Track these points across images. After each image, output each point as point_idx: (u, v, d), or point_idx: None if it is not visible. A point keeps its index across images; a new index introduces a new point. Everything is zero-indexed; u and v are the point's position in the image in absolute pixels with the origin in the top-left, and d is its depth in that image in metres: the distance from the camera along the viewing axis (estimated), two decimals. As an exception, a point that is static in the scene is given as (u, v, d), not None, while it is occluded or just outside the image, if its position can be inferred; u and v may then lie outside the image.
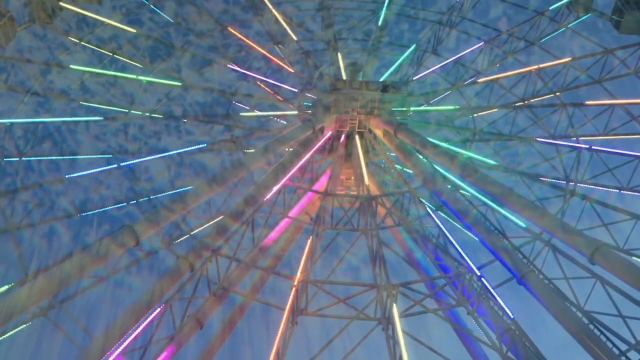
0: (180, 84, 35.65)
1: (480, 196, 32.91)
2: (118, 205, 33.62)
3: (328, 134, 35.05)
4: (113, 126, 34.94)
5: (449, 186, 32.38)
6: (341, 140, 35.14)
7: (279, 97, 36.76)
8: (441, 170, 33.49)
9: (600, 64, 36.89)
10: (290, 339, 24.81)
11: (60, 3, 34.81)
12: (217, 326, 31.24)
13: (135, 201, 33.31)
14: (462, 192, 33.60)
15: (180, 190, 34.07)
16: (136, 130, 35.16)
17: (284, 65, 37.76)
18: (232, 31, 37.54)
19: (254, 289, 32.18)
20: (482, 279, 27.20)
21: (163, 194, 34.22)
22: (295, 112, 36.63)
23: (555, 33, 39.65)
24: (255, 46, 37.42)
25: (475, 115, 37.02)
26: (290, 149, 32.88)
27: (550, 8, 39.60)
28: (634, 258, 30.27)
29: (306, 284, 26.19)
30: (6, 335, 26.27)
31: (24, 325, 27.07)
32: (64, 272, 22.76)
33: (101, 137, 35.13)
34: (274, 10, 38.43)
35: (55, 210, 31.98)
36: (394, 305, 25.12)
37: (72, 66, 34.81)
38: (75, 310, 28.75)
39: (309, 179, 34.84)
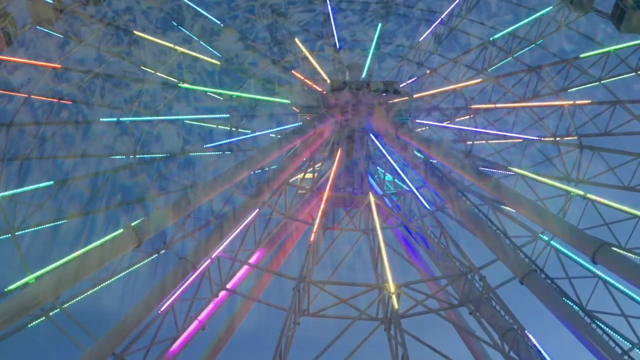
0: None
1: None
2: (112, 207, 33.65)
3: (329, 134, 35.04)
4: (127, 94, 35.79)
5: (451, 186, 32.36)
6: (342, 141, 35.11)
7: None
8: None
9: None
10: (292, 339, 24.81)
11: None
12: (219, 327, 31.29)
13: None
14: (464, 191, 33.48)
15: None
16: (148, 98, 35.95)
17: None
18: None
19: (256, 290, 32.24)
20: (484, 278, 27.17)
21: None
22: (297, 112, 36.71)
23: (555, 32, 39.62)
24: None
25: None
26: (292, 150, 32.89)
27: (551, 8, 39.57)
28: (636, 257, 30.19)
29: (308, 285, 26.19)
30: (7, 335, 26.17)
31: (27, 326, 27.00)
32: (66, 274, 22.82)
33: (116, 104, 35.61)
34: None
35: (58, 211, 32.00)
36: (396, 305, 25.13)
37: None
38: (76, 310, 28.76)
39: (310, 179, 34.86)
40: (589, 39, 38.76)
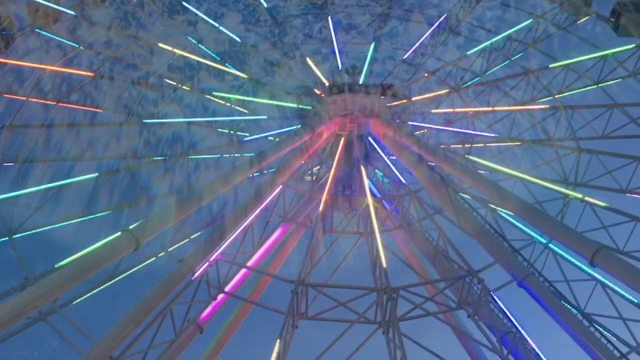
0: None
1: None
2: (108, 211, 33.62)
3: (327, 137, 35.08)
4: (136, 75, 36.07)
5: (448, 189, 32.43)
6: (340, 143, 35.16)
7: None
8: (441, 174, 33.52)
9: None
10: (290, 343, 24.77)
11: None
12: (217, 330, 31.25)
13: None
14: (462, 194, 33.53)
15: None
16: (155, 79, 36.30)
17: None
18: None
19: (254, 293, 32.22)
20: (482, 281, 27.18)
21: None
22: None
23: (552, 35, 39.71)
24: None
25: (474, 117, 37.12)
26: (290, 153, 32.92)
27: (549, 11, 39.68)
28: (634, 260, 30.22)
29: (306, 288, 26.14)
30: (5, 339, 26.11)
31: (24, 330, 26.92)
32: (64, 277, 22.77)
33: (124, 86, 35.79)
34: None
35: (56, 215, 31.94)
36: (395, 308, 25.12)
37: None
38: (73, 313, 28.73)
39: (308, 182, 34.85)
40: (586, 42, 38.80)
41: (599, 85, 36.80)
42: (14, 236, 30.14)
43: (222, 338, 31.38)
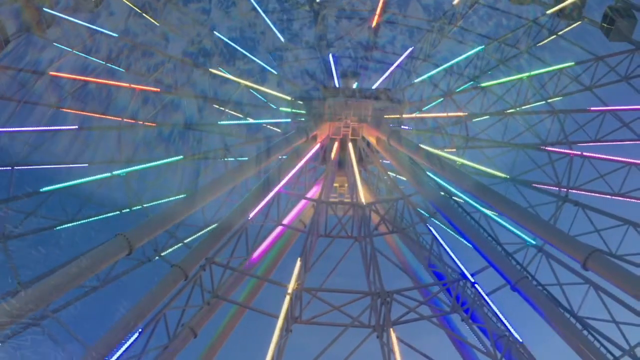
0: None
1: (474, 203, 33.07)
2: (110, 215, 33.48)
3: (321, 141, 35.12)
4: (151, 62, 36.82)
5: (442, 193, 32.57)
6: (334, 148, 35.22)
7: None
8: (435, 178, 33.62)
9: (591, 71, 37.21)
10: (284, 347, 24.73)
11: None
12: (211, 335, 31.18)
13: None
14: (456, 199, 33.62)
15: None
16: (171, 66, 37.06)
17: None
18: None
19: (248, 297, 32.16)
20: (476, 285, 27.25)
21: None
22: (289, 120, 36.80)
23: (546, 40, 39.90)
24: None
25: (467, 122, 37.26)
26: (284, 157, 32.95)
27: (542, 15, 39.88)
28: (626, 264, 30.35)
29: (300, 292, 26.13)
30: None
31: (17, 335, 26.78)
32: (56, 281, 22.67)
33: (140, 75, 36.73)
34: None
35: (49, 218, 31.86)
36: (389, 312, 25.13)
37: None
38: (68, 318, 28.64)
39: (302, 186, 34.85)
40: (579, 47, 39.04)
41: (592, 89, 37.05)
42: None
43: (216, 342, 31.33)
